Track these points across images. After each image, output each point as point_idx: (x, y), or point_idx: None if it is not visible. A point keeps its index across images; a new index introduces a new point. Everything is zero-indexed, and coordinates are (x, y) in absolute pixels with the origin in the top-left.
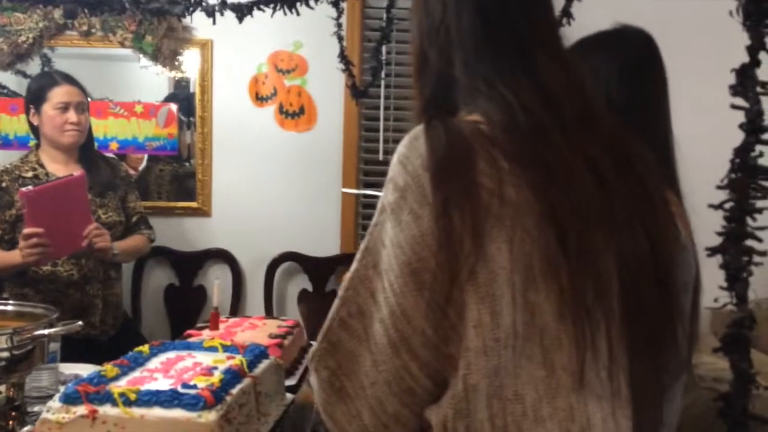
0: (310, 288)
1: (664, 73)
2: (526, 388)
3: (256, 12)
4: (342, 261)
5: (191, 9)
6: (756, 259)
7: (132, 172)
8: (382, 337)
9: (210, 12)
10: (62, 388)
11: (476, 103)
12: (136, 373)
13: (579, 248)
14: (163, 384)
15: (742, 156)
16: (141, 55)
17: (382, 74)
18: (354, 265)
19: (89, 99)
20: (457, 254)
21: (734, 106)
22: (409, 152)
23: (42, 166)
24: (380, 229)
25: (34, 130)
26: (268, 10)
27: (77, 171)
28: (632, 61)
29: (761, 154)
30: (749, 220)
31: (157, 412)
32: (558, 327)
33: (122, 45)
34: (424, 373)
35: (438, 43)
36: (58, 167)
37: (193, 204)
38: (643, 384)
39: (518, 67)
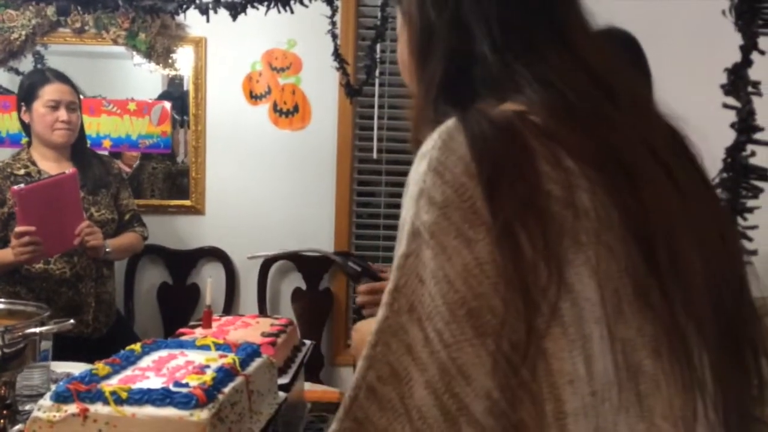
0: (303, 287)
1: (650, 75)
2: None
3: (249, 10)
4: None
5: (185, 6)
6: (746, 258)
7: (126, 170)
8: (431, 408)
9: (204, 10)
10: (53, 387)
11: (517, 88)
12: (128, 372)
13: (670, 263)
14: (155, 382)
15: (734, 155)
16: (134, 53)
17: (377, 73)
18: (381, 313)
19: (82, 97)
20: (530, 288)
21: (726, 105)
22: (443, 156)
23: (34, 163)
24: (414, 261)
25: (26, 127)
26: (262, 8)
27: (69, 169)
28: None
29: (753, 154)
30: (740, 220)
31: (148, 410)
32: (654, 365)
33: (115, 42)
34: None
35: (448, 13)
36: (50, 165)
37: (187, 202)
38: (735, 420)
39: (555, 40)
